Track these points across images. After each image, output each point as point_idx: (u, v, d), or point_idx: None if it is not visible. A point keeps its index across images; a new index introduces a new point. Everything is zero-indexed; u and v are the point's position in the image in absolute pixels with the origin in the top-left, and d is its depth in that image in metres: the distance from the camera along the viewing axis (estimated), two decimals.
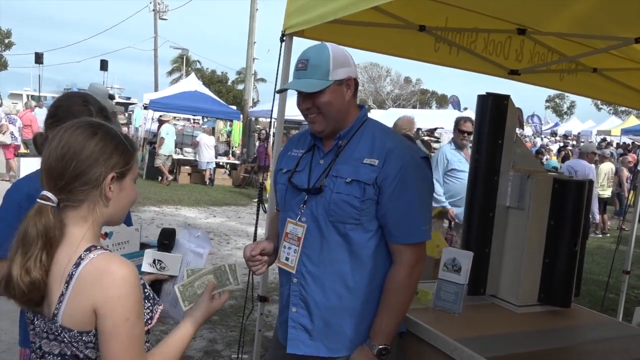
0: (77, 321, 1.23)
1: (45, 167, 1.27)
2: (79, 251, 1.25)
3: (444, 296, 2.25)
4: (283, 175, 2.01)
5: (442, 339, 1.96)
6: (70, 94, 1.90)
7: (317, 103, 1.84)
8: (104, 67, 20.99)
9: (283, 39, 2.92)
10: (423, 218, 1.84)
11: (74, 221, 1.29)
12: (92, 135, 1.28)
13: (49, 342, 1.28)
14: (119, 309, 1.21)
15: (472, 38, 3.55)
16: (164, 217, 9.46)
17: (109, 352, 1.21)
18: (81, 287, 1.22)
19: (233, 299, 5.45)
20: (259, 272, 2.04)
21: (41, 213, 1.23)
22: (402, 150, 1.84)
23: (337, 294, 1.85)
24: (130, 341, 1.22)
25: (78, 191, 1.26)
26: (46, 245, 1.23)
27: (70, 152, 1.25)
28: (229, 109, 16.60)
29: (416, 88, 58.93)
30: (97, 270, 1.22)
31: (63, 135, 1.27)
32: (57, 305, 1.23)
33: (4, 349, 3.70)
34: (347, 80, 1.86)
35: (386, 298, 1.83)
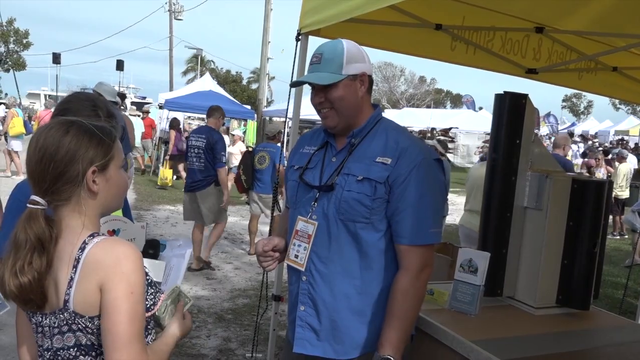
0: (87, 305, 1.24)
1: (28, 171, 1.30)
2: (82, 237, 1.27)
3: (460, 297, 2.23)
4: (294, 172, 2.00)
5: (458, 340, 1.94)
6: (79, 97, 1.87)
7: (330, 97, 1.83)
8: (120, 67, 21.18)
9: (299, 38, 2.92)
10: (432, 220, 1.81)
11: (69, 215, 1.31)
12: (65, 133, 1.28)
13: (62, 337, 1.28)
14: (123, 282, 1.22)
15: (489, 37, 3.52)
16: (178, 216, 9.50)
17: (111, 325, 1.20)
18: (89, 269, 1.23)
19: (247, 298, 5.48)
20: (270, 269, 2.04)
21: (31, 218, 1.26)
22: (415, 150, 1.82)
23: (344, 294, 1.83)
24: (133, 316, 1.22)
25: (62, 190, 1.28)
26: (36, 248, 1.24)
27: (47, 154, 1.26)
28: (243, 109, 16.67)
29: (430, 87, 58.64)
30: (103, 251, 1.24)
31: (39, 138, 1.29)
32: (67, 291, 1.24)
33: None
34: (361, 76, 1.85)
35: (391, 305, 1.78)
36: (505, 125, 2.36)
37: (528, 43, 3.63)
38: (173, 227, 8.49)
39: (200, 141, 6.02)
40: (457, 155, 24.55)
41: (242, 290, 5.74)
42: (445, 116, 28.09)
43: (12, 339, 3.73)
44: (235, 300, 5.38)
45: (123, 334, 1.20)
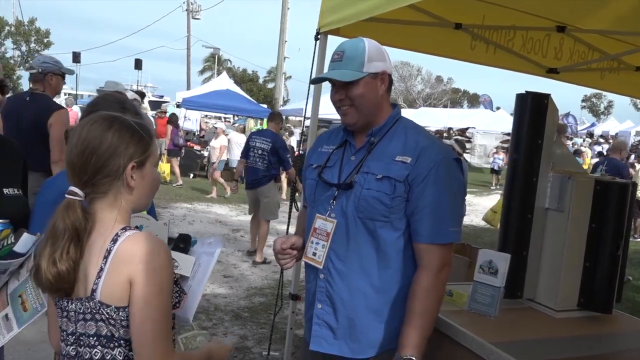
0: (114, 296, 1.26)
1: (69, 163, 1.32)
2: (114, 230, 1.30)
3: (480, 299, 2.21)
4: (313, 170, 2.01)
5: (477, 342, 1.93)
6: (108, 98, 1.89)
7: (351, 94, 1.83)
8: (139, 66, 21.40)
9: (318, 37, 2.92)
10: (452, 219, 1.81)
11: (104, 208, 1.33)
12: (108, 128, 1.31)
13: (84, 323, 1.31)
14: (154, 279, 1.24)
15: (509, 36, 3.48)
16: (195, 214, 9.59)
17: (140, 320, 1.23)
18: (119, 261, 1.26)
19: (263, 296, 5.50)
20: (287, 267, 2.05)
21: (69, 208, 1.29)
22: (435, 149, 1.82)
23: (362, 293, 1.83)
24: (161, 313, 1.25)
25: (101, 183, 1.31)
26: (73, 238, 1.27)
27: (90, 147, 1.29)
28: (259, 108, 16.74)
29: (447, 87, 58.26)
30: (135, 245, 1.27)
31: (81, 131, 1.32)
32: (96, 281, 1.27)
33: (43, 339, 3.80)
34: (381, 74, 1.85)
35: (411, 305, 1.78)
36: (526, 125, 2.34)
37: (549, 42, 3.58)
38: (190, 225, 8.55)
39: (266, 144, 6.56)
40: (474, 156, 24.36)
41: (258, 288, 5.76)
42: (462, 116, 27.88)
43: (35, 334, 3.79)
44: (252, 298, 5.40)
45: (151, 330, 1.23)
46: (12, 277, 1.64)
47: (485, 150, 25.18)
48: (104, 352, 1.31)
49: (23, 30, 39.83)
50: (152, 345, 1.23)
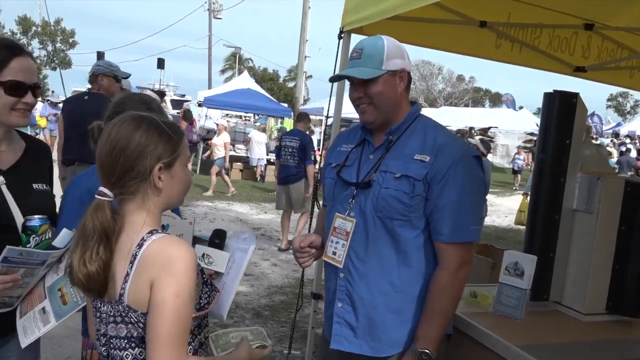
0: (140, 301, 1.26)
1: (98, 163, 1.33)
2: (141, 234, 1.29)
3: (505, 301, 2.17)
4: (332, 169, 2.01)
5: (503, 345, 1.90)
6: (134, 98, 1.93)
7: (369, 92, 1.83)
8: (161, 65, 21.63)
9: (341, 36, 2.91)
10: (472, 217, 1.80)
11: (133, 210, 1.33)
12: (137, 128, 1.31)
13: (115, 326, 1.31)
14: (172, 284, 1.23)
15: (535, 34, 3.42)
16: (216, 212, 9.66)
17: (154, 325, 1.22)
18: (143, 266, 1.26)
19: (284, 295, 5.51)
20: (306, 265, 2.05)
21: (98, 209, 1.29)
22: (454, 146, 1.81)
23: (382, 292, 1.83)
24: (176, 319, 1.23)
25: (129, 184, 1.30)
26: (102, 238, 1.27)
27: (118, 147, 1.29)
28: (280, 107, 16.80)
29: (469, 86, 57.64)
30: (158, 249, 1.26)
31: (110, 131, 1.32)
32: (123, 285, 1.27)
33: (68, 334, 3.88)
34: (400, 72, 1.84)
35: (429, 301, 1.80)
36: (554, 125, 2.29)
37: (577, 40, 3.52)
38: (211, 223, 8.62)
39: (295, 142, 7.04)
40: (496, 155, 24.07)
41: (279, 287, 5.78)
42: (484, 115, 27.58)
43: (60, 329, 3.85)
44: (272, 297, 5.42)
45: (164, 334, 1.22)
46: (50, 271, 1.66)
47: (507, 150, 24.86)
48: (135, 352, 1.31)
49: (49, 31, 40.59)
50: (165, 349, 1.22)
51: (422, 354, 1.75)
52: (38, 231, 1.64)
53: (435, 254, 1.83)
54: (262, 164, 14.65)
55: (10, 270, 1.53)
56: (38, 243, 1.63)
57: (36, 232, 1.64)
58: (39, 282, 1.67)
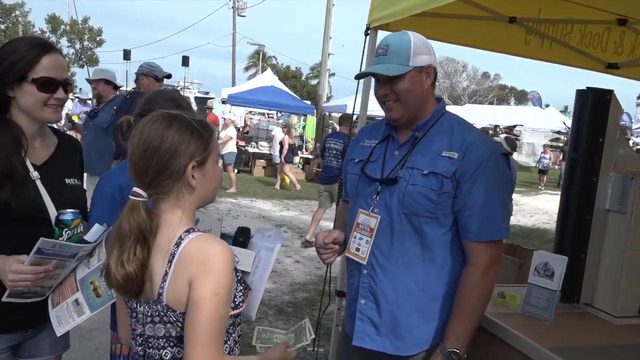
0: (179, 300, 1.27)
1: (131, 164, 1.32)
2: (178, 233, 1.29)
3: (534, 302, 2.13)
4: (355, 165, 1.99)
5: (533, 347, 1.86)
6: (163, 95, 1.95)
7: (396, 89, 1.80)
8: (186, 62, 21.79)
9: (368, 33, 2.88)
10: (502, 215, 1.78)
11: (168, 209, 1.33)
12: (168, 127, 1.30)
13: (153, 326, 1.32)
14: (210, 282, 1.23)
15: (566, 30, 3.35)
16: (239, 209, 9.73)
17: (192, 323, 1.22)
18: (182, 265, 1.26)
19: (306, 292, 5.52)
20: (329, 261, 2.03)
21: (133, 209, 1.28)
22: (482, 144, 1.79)
23: (407, 289, 1.81)
24: (214, 318, 1.23)
25: (164, 184, 1.30)
26: (139, 239, 1.27)
27: (151, 147, 1.28)
28: (303, 104, 16.83)
29: (494, 83, 56.83)
30: (197, 248, 1.26)
31: (142, 131, 1.31)
32: (162, 284, 1.27)
33: (95, 327, 3.95)
34: (427, 68, 1.81)
35: (458, 300, 1.78)
36: (587, 123, 2.24)
37: (609, 36, 3.42)
38: (235, 219, 8.68)
39: (339, 145, 7.43)
40: (522, 154, 23.71)
41: (301, 284, 5.79)
42: (509, 113, 27.15)
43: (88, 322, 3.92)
44: (295, 293, 5.44)
45: (202, 333, 1.22)
46: (82, 264, 1.70)
47: (533, 149, 24.49)
48: (174, 351, 1.32)
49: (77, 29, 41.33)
50: (203, 347, 1.22)
51: (452, 353, 1.73)
52: (70, 225, 1.67)
53: (462, 252, 1.81)
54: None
55: (43, 261, 1.56)
56: (70, 236, 1.67)
57: (69, 225, 1.67)
58: (70, 274, 1.71)
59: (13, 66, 1.66)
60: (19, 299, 1.64)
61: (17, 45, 1.70)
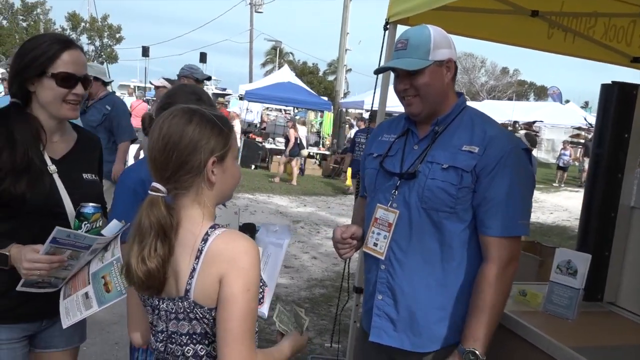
0: (206, 296, 1.26)
1: (150, 159, 1.31)
2: (204, 229, 1.29)
3: (557, 300, 2.10)
4: (374, 160, 1.97)
5: (555, 346, 1.83)
6: (183, 89, 1.96)
7: (416, 84, 1.78)
8: (203, 59, 21.93)
9: (387, 27, 2.86)
10: (521, 211, 1.74)
11: (188, 205, 1.32)
12: (189, 122, 1.29)
13: (177, 323, 1.31)
14: (241, 279, 1.23)
15: (590, 23, 3.27)
16: (257, 205, 9.76)
17: (226, 319, 1.23)
18: (210, 261, 1.25)
19: (324, 288, 5.52)
20: (346, 256, 2.02)
21: (152, 204, 1.27)
22: (504, 139, 1.76)
23: (425, 285, 1.79)
24: (246, 313, 1.24)
25: (183, 179, 1.29)
26: (159, 234, 1.26)
27: (171, 142, 1.27)
28: (320, 100, 16.81)
29: (513, 79, 56.13)
30: (225, 244, 1.26)
31: (162, 125, 1.30)
32: (189, 281, 1.26)
33: (116, 320, 4.00)
34: (447, 62, 1.79)
35: (475, 298, 1.74)
36: (612, 118, 2.19)
37: (634, 29, 3.34)
38: (252, 215, 8.71)
39: None
40: (541, 150, 23.39)
41: (318, 280, 5.79)
42: (528, 109, 26.76)
43: (109, 315, 3.98)
44: (312, 289, 5.44)
45: (235, 330, 1.23)
46: (95, 258, 1.71)
47: (553, 145, 24.15)
48: (197, 347, 1.32)
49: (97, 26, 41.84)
50: (236, 344, 1.22)
51: (470, 353, 1.69)
52: (90, 218, 1.69)
53: (481, 249, 1.78)
54: (302, 158, 14.70)
55: (57, 251, 1.58)
56: (89, 230, 1.68)
57: (88, 219, 1.68)
58: (84, 268, 1.72)
59: (34, 61, 1.68)
60: (33, 288, 1.66)
61: (38, 41, 1.73)
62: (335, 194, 12.12)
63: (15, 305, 1.72)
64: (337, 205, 10.78)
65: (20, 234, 1.67)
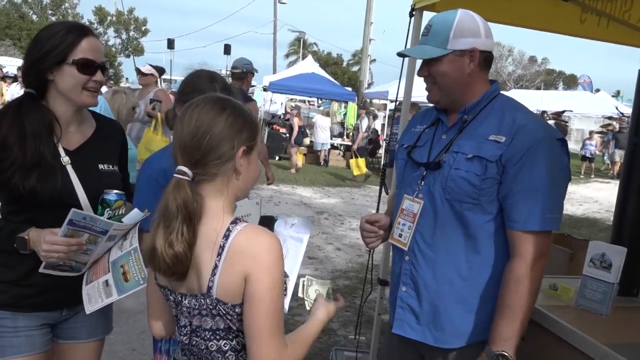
0: (230, 293, 1.25)
1: (180, 143, 1.29)
2: (225, 224, 1.27)
3: (590, 295, 2.02)
4: (403, 150, 1.94)
5: (589, 343, 1.76)
6: (197, 72, 1.98)
7: (432, 72, 1.74)
8: (227, 51, 21.96)
9: (412, 14, 2.79)
10: (551, 204, 1.64)
11: (211, 194, 1.30)
12: (222, 110, 1.29)
13: (200, 318, 1.30)
14: (267, 276, 1.23)
15: (625, 7, 3.14)
16: (280, 196, 9.78)
17: (253, 317, 1.23)
18: (233, 257, 1.23)
19: (348, 279, 5.50)
20: (372, 245, 1.99)
21: (179, 187, 1.25)
22: (534, 127, 1.67)
23: (448, 279, 1.74)
24: (274, 310, 1.23)
25: (212, 165, 1.27)
26: (186, 218, 1.24)
27: (203, 126, 1.26)
28: (344, 91, 16.71)
29: (541, 68, 54.89)
30: (248, 241, 1.24)
31: (194, 111, 1.28)
32: (211, 278, 1.25)
33: (142, 309, 4.05)
34: (470, 51, 1.70)
35: (502, 297, 1.66)
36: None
37: None
38: (276, 206, 8.74)
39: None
40: (571, 141, 22.86)
41: (342, 271, 5.77)
42: (557, 98, 26.10)
43: (135, 305, 4.03)
44: (336, 281, 5.42)
45: (264, 327, 1.22)
46: (115, 246, 1.71)
47: (582, 135, 23.61)
48: (220, 343, 1.31)
49: (123, 20, 42.34)
50: (267, 340, 1.22)
51: (499, 356, 1.62)
52: (113, 205, 1.69)
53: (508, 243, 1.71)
54: (326, 149, 14.66)
55: (75, 233, 1.59)
56: (111, 217, 1.68)
57: (111, 206, 1.69)
58: (105, 255, 1.73)
59: (53, 49, 1.67)
60: (55, 271, 1.68)
61: (55, 29, 1.71)
62: (360, 186, 12.07)
63: (33, 294, 1.73)
64: (361, 196, 10.73)
65: (35, 224, 1.68)
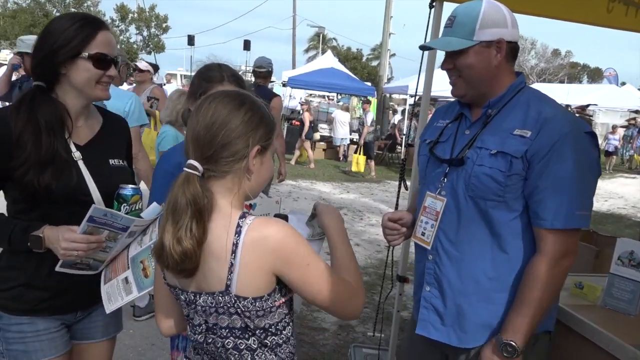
0: (251, 288, 1.23)
1: (193, 136, 1.25)
2: (234, 221, 1.23)
3: (617, 294, 1.96)
4: (425, 146, 1.89)
5: (616, 344, 1.70)
6: (208, 64, 1.98)
7: (458, 64, 1.68)
8: (247, 47, 22.01)
9: (433, 5, 2.72)
10: (579, 201, 1.58)
11: (220, 192, 1.26)
12: (240, 106, 1.24)
13: (217, 316, 1.28)
14: (295, 263, 1.23)
15: None
16: (299, 191, 9.77)
17: (314, 296, 1.26)
18: (250, 253, 1.21)
19: (366, 275, 5.46)
20: (394, 243, 1.95)
21: (189, 182, 1.22)
22: (561, 120, 1.60)
23: (473, 278, 1.69)
24: (321, 275, 1.25)
25: (224, 162, 1.23)
26: (195, 214, 1.20)
27: (219, 121, 1.22)
28: (363, 86, 16.61)
29: (565, 61, 53.89)
30: (261, 235, 1.21)
31: (210, 104, 1.25)
32: (229, 276, 1.22)
33: None
34: (497, 43, 1.65)
35: (522, 290, 1.61)
36: None
37: None
38: (295, 201, 8.73)
39: None
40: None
41: (361, 267, 5.73)
42: (582, 92, 25.56)
43: None
44: None
45: (327, 294, 1.25)
46: (134, 242, 1.68)
47: (607, 129, 23.11)
48: (237, 342, 1.29)
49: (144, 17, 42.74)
50: (347, 300, 1.29)
51: (507, 345, 1.58)
52: (129, 200, 1.66)
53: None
54: (345, 144, 14.60)
55: (95, 230, 1.55)
56: (127, 212, 1.65)
57: (127, 201, 1.66)
58: (123, 252, 1.70)
59: (68, 42, 1.63)
60: (71, 269, 1.64)
61: (68, 22, 1.66)
62: (379, 181, 12.00)
63: (49, 297, 1.71)
64: (381, 192, 10.67)
65: (47, 222, 1.64)
